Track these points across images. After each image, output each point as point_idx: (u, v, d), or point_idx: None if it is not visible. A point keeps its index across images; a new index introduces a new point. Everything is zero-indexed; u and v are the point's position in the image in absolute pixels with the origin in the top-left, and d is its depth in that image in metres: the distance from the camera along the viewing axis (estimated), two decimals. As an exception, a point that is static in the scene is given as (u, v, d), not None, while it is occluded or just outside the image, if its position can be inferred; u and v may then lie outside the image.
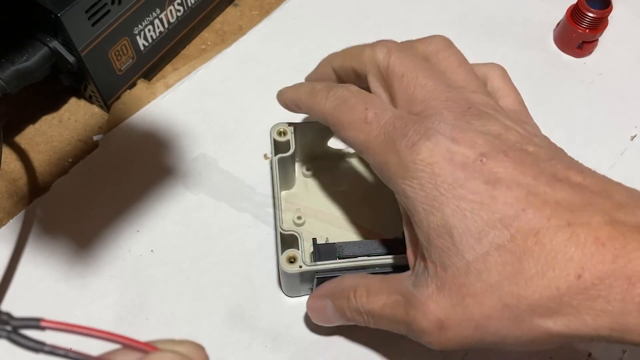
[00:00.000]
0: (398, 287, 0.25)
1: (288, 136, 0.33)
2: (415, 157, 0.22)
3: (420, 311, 0.23)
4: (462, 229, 0.21)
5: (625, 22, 0.46)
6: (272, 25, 0.46)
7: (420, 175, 0.22)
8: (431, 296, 0.22)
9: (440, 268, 0.22)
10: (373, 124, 0.24)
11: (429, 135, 0.23)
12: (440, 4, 0.48)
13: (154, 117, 0.41)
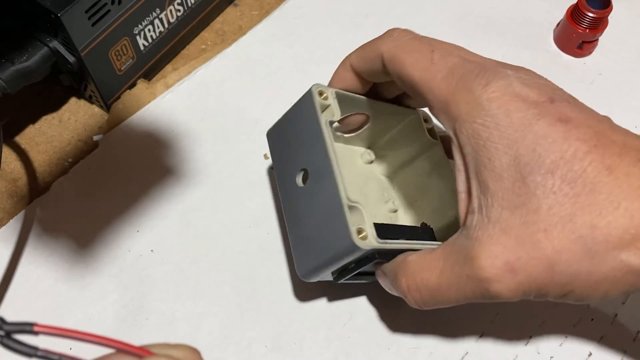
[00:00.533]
0: (449, 249, 0.24)
1: (330, 100, 0.29)
2: (491, 95, 0.22)
3: (484, 259, 0.22)
4: (534, 165, 0.21)
5: (625, 22, 0.46)
6: (272, 26, 0.46)
7: (496, 112, 0.22)
8: (496, 240, 0.22)
9: (506, 210, 0.21)
10: (440, 65, 0.24)
11: (501, 76, 0.23)
12: (440, 4, 0.48)
13: (154, 117, 0.41)
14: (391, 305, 0.34)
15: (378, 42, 0.27)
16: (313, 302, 0.34)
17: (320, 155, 0.28)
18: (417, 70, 0.25)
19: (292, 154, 0.30)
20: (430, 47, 0.25)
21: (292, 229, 0.30)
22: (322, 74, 0.43)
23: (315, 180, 0.28)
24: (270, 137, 0.33)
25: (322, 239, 0.27)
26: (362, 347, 0.33)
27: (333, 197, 0.27)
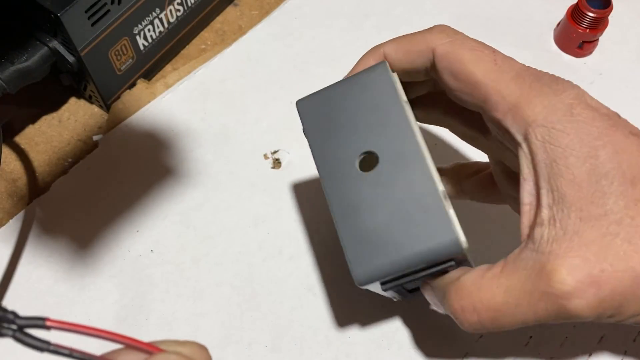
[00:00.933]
0: (513, 266, 0.22)
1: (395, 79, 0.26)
2: (571, 101, 0.22)
3: (564, 273, 0.20)
4: (615, 175, 0.20)
5: (625, 22, 0.46)
6: (272, 25, 0.46)
7: (578, 119, 0.21)
8: (576, 252, 0.20)
9: (585, 221, 0.20)
10: (505, 66, 0.23)
11: (573, 85, 0.23)
12: (440, 4, 0.47)
13: (153, 117, 0.41)
14: (391, 305, 0.34)
15: (426, 35, 0.25)
16: (313, 302, 0.34)
17: (401, 138, 0.24)
18: (481, 70, 0.24)
19: (347, 134, 0.26)
20: (490, 48, 0.24)
21: (346, 222, 0.25)
22: (323, 73, 0.43)
23: (392, 166, 0.24)
24: (306, 110, 0.27)
25: (400, 235, 0.23)
26: (362, 347, 0.33)
27: (423, 186, 0.23)
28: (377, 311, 0.34)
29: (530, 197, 0.23)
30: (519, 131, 0.22)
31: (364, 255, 0.24)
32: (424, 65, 0.26)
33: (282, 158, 0.39)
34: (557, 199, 0.21)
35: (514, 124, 0.23)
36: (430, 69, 0.26)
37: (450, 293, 0.23)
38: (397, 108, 0.25)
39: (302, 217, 0.37)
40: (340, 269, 0.35)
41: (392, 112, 0.25)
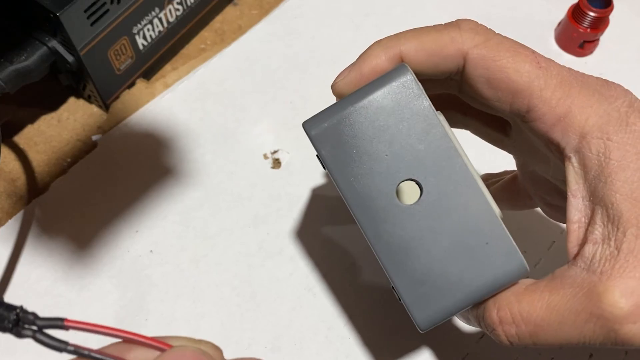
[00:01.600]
0: (559, 282, 0.20)
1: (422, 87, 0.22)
2: (627, 109, 0.20)
3: (618, 295, 0.19)
4: None
5: (626, 22, 0.46)
6: (272, 25, 0.46)
7: (634, 128, 0.20)
8: (632, 274, 0.19)
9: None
10: (550, 70, 0.21)
11: (623, 89, 0.21)
12: (440, 3, 0.47)
13: (153, 117, 0.41)
14: (391, 306, 0.33)
15: (454, 35, 0.22)
16: (313, 302, 0.34)
17: (443, 160, 0.21)
18: (524, 77, 0.21)
19: (376, 159, 0.22)
20: (529, 48, 0.22)
21: (397, 263, 0.22)
22: (323, 73, 0.43)
23: (439, 194, 0.21)
24: (319, 132, 0.22)
25: (461, 269, 0.21)
26: (362, 347, 0.33)
27: (479, 212, 0.21)
28: (377, 311, 0.34)
29: (579, 214, 0.21)
30: (570, 144, 0.21)
31: (425, 298, 0.21)
32: (449, 70, 0.22)
33: (282, 158, 0.39)
34: (612, 216, 0.20)
35: (565, 136, 0.21)
36: (457, 73, 0.23)
37: (488, 303, 0.22)
38: (431, 124, 0.21)
39: (302, 217, 0.37)
40: (340, 268, 0.35)
41: (427, 129, 0.21)
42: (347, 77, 0.23)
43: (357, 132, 0.22)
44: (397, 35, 0.23)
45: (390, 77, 0.22)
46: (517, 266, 0.21)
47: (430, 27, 0.22)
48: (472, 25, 0.22)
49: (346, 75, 0.23)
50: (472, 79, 0.22)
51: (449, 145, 0.21)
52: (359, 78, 0.23)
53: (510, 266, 0.21)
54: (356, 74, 0.23)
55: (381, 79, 0.22)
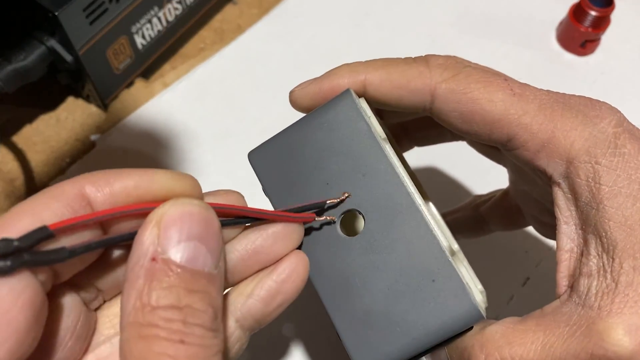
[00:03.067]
0: (551, 319, 0.19)
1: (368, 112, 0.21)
2: (615, 129, 0.19)
3: (620, 333, 0.17)
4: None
5: (627, 21, 0.46)
6: (271, 24, 0.45)
7: (624, 151, 0.18)
8: (634, 309, 0.17)
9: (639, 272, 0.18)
10: (525, 96, 0.20)
11: (609, 108, 0.19)
12: (441, 2, 0.47)
13: (152, 117, 0.41)
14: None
15: (422, 69, 0.21)
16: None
17: (385, 189, 0.19)
18: (498, 105, 0.20)
19: (319, 190, 0.21)
20: (501, 75, 0.20)
21: (338, 301, 0.20)
22: (323, 72, 0.43)
23: (381, 225, 0.19)
24: (263, 163, 0.22)
25: (405, 312, 0.19)
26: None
27: (423, 246, 0.19)
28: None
29: (571, 244, 0.20)
30: (557, 170, 0.19)
31: (366, 340, 0.19)
32: (415, 106, 0.21)
33: (282, 158, 0.39)
34: (606, 245, 0.18)
35: (551, 162, 0.19)
36: (425, 110, 0.21)
37: (474, 349, 0.20)
38: (375, 151, 0.20)
39: (301, 218, 0.37)
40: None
41: (370, 157, 0.20)
42: (305, 88, 0.22)
43: (299, 160, 0.21)
44: (366, 62, 0.22)
45: (334, 104, 0.21)
46: (468, 310, 0.18)
47: (400, 59, 0.22)
48: (440, 60, 0.21)
49: (305, 87, 0.22)
50: (444, 114, 0.21)
51: (393, 174, 0.19)
52: (316, 92, 0.22)
53: (459, 309, 0.18)
54: (315, 87, 0.22)
55: (326, 106, 0.21)
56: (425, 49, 0.44)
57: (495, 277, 0.35)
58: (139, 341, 0.14)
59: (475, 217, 0.30)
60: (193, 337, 0.14)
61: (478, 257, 0.35)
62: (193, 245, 0.15)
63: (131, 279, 0.14)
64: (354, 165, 0.20)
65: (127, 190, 0.16)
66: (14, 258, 0.13)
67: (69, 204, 0.15)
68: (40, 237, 0.14)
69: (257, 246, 0.19)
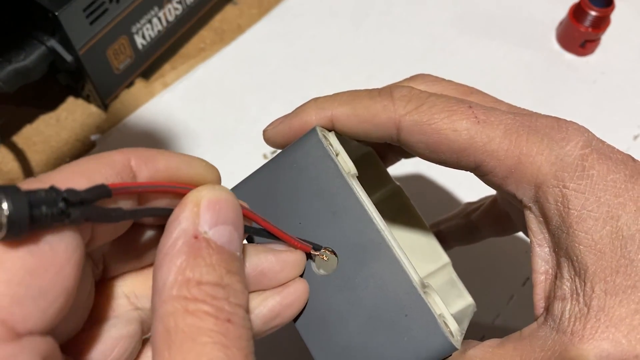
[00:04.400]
0: (527, 343, 0.19)
1: (337, 147, 0.21)
2: (581, 152, 0.18)
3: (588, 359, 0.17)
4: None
5: (627, 21, 0.46)
6: (272, 24, 0.45)
7: (591, 173, 0.18)
8: (605, 334, 0.17)
9: (612, 295, 0.18)
10: (490, 123, 0.19)
11: (577, 128, 0.19)
12: (441, 2, 0.47)
13: (152, 117, 0.41)
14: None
15: (386, 103, 0.21)
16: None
17: (355, 226, 0.20)
18: (463, 135, 0.20)
19: (292, 230, 0.21)
20: (464, 102, 0.20)
21: (316, 337, 0.20)
22: (323, 73, 0.43)
23: (353, 263, 0.20)
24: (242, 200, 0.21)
25: (380, 348, 0.19)
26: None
27: (395, 281, 0.19)
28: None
29: (546, 266, 0.20)
30: (527, 194, 0.19)
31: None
32: (383, 137, 0.22)
33: (282, 158, 0.39)
34: (578, 270, 0.18)
35: (519, 187, 0.19)
36: (394, 140, 0.22)
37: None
38: (343, 189, 0.20)
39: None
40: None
41: (339, 196, 0.20)
42: (276, 128, 0.23)
43: (274, 199, 0.21)
44: (332, 97, 0.22)
45: (302, 143, 0.21)
46: (440, 343, 0.18)
47: (365, 93, 0.22)
48: (404, 92, 0.21)
49: (276, 126, 0.23)
50: (411, 145, 0.21)
51: (362, 211, 0.20)
52: (287, 130, 0.22)
53: (432, 343, 0.18)
54: (285, 126, 0.22)
55: (295, 145, 0.21)
56: (425, 49, 0.44)
57: (496, 277, 0.35)
58: (187, 315, 0.14)
59: (467, 224, 0.30)
60: (237, 317, 0.15)
61: (478, 258, 0.35)
62: (229, 229, 0.15)
63: (171, 254, 0.14)
64: (324, 203, 0.20)
65: (170, 170, 0.16)
66: (77, 209, 0.13)
67: (118, 173, 0.15)
68: (101, 193, 0.14)
69: (264, 268, 0.18)
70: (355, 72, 0.43)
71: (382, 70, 0.43)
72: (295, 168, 0.21)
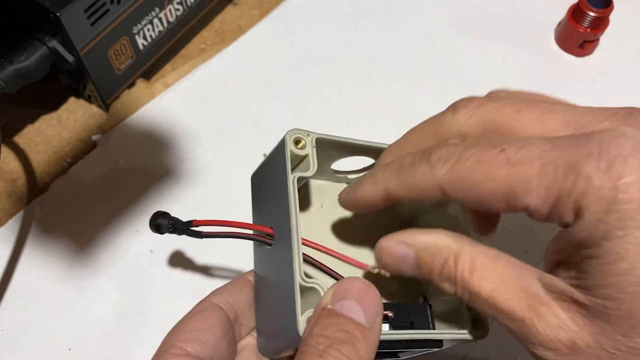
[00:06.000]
0: (519, 280, 0.20)
1: (307, 149, 0.24)
2: (622, 195, 0.17)
3: (550, 327, 0.19)
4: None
5: (626, 21, 0.46)
6: (272, 25, 0.46)
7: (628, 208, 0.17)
8: (574, 319, 0.19)
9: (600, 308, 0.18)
10: (525, 163, 0.19)
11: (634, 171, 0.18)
12: (441, 3, 0.47)
13: (153, 117, 0.41)
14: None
15: (424, 170, 0.22)
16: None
17: (283, 217, 0.23)
18: (499, 183, 0.20)
19: (265, 207, 0.26)
20: (496, 146, 0.20)
21: (257, 296, 0.26)
22: (323, 73, 0.43)
23: (278, 245, 0.24)
24: (253, 182, 0.28)
25: (277, 320, 0.24)
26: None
27: (288, 271, 0.22)
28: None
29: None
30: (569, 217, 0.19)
31: (262, 330, 0.26)
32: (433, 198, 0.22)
33: (282, 158, 0.39)
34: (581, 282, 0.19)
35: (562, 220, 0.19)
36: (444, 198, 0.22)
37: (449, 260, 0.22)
38: (284, 184, 0.24)
39: (302, 217, 0.37)
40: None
41: (283, 190, 0.24)
42: (344, 197, 0.25)
43: (261, 183, 0.27)
44: (384, 169, 0.23)
45: (277, 144, 0.25)
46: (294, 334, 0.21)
47: (409, 161, 0.23)
48: (441, 152, 0.21)
49: (344, 195, 0.25)
50: (462, 201, 0.21)
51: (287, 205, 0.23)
52: (353, 202, 0.25)
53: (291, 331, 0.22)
54: (350, 198, 0.25)
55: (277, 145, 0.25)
56: (425, 49, 0.45)
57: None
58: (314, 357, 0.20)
59: None
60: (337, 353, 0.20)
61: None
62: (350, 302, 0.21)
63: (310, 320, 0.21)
64: (277, 197, 0.25)
65: None
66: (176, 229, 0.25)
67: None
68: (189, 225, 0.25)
69: None
70: (355, 72, 0.43)
71: (382, 70, 0.44)
72: (272, 162, 0.26)
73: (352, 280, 0.22)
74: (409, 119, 0.27)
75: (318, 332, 0.20)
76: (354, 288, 0.21)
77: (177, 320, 0.33)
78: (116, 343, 0.32)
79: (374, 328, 0.21)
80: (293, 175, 0.24)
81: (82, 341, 0.33)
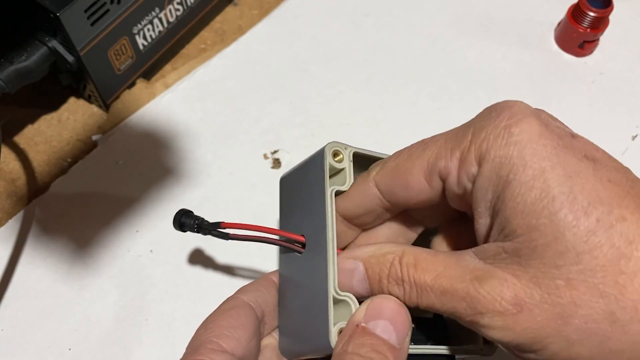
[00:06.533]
0: (459, 262, 0.21)
1: (344, 163, 0.25)
2: (514, 129, 0.20)
3: (492, 287, 0.19)
4: (566, 201, 0.18)
5: (626, 22, 0.46)
6: (272, 25, 0.46)
7: (520, 139, 0.19)
8: (512, 272, 0.19)
9: (527, 248, 0.19)
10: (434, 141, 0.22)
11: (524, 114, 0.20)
12: (440, 3, 0.47)
13: (153, 117, 0.41)
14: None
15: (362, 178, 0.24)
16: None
17: (319, 228, 0.23)
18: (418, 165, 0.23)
19: (296, 213, 0.26)
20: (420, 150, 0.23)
21: (282, 298, 0.26)
22: (323, 73, 0.43)
23: (311, 254, 0.24)
24: (283, 185, 0.28)
25: (305, 326, 0.24)
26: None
27: (321, 282, 0.23)
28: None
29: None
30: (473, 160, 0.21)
31: (287, 335, 0.26)
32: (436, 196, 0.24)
33: (282, 158, 0.39)
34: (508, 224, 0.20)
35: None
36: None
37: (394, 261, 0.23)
38: (322, 198, 0.24)
39: (302, 217, 0.37)
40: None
41: (319, 201, 0.24)
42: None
43: (293, 188, 0.27)
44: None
45: (315, 154, 0.25)
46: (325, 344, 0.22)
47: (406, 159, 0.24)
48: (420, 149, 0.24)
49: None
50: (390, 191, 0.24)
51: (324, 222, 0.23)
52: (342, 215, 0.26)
53: (322, 340, 0.22)
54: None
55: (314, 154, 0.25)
56: (425, 49, 0.45)
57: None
58: None
59: None
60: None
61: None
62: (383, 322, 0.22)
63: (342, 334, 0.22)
64: (312, 206, 0.24)
65: None
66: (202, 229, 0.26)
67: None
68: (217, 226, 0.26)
69: None
70: (355, 72, 0.43)
71: (382, 70, 0.44)
72: (307, 170, 0.25)
73: (386, 300, 0.22)
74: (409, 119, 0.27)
75: (353, 350, 0.21)
76: (388, 308, 0.22)
77: (177, 319, 0.33)
78: (116, 343, 0.33)
79: (403, 348, 0.22)
80: (331, 188, 0.24)
81: (82, 341, 0.33)
